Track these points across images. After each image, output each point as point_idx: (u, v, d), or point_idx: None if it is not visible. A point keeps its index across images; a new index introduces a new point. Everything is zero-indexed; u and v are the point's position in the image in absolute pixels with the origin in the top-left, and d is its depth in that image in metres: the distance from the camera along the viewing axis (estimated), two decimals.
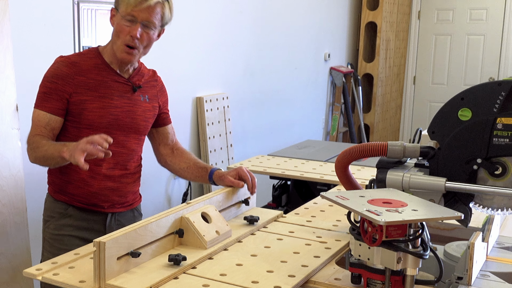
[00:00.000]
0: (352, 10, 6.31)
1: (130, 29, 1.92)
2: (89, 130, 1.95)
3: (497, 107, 1.50)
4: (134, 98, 2.07)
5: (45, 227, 2.11)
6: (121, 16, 1.93)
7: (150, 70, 2.18)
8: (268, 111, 4.86)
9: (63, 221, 2.06)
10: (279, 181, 3.22)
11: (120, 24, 1.94)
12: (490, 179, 1.54)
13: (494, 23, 6.77)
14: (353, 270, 1.46)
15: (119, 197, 2.11)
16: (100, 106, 1.97)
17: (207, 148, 3.95)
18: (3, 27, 2.37)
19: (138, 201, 2.24)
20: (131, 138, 2.08)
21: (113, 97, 2.01)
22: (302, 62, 5.36)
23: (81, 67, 1.97)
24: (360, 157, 1.69)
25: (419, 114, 7.28)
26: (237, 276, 1.52)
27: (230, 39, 4.23)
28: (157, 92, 2.17)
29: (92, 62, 2.00)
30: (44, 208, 2.13)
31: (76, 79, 1.95)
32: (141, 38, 1.94)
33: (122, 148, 2.06)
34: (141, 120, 2.09)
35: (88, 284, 1.47)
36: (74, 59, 1.99)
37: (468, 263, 1.47)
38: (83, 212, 2.07)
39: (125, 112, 2.03)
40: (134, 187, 2.17)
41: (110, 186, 2.06)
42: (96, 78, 1.99)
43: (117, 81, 2.03)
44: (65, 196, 2.06)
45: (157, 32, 2.00)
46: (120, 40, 1.95)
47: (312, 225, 1.98)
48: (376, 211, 1.32)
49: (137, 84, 2.07)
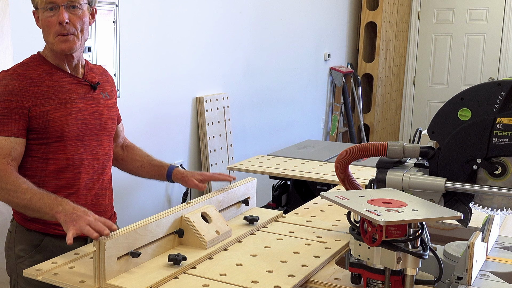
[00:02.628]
0: (352, 10, 6.31)
1: (56, 18, 1.76)
2: (59, 143, 1.80)
3: (497, 107, 1.50)
4: (96, 97, 1.92)
5: (17, 263, 1.85)
6: (42, 10, 1.78)
7: (99, 66, 2.05)
8: (268, 111, 4.86)
9: (38, 256, 1.82)
10: (279, 181, 3.22)
11: (45, 18, 1.78)
12: (490, 179, 1.54)
13: (494, 23, 6.77)
14: (353, 270, 1.46)
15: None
16: (65, 113, 1.80)
17: (207, 148, 3.95)
18: (3, 27, 2.37)
19: (114, 219, 2.05)
20: (103, 141, 1.93)
21: (75, 101, 1.84)
22: (302, 62, 5.36)
23: (32, 77, 1.80)
24: (360, 157, 1.69)
25: (419, 114, 7.27)
26: (237, 276, 1.52)
27: (230, 39, 4.23)
28: (111, 87, 2.03)
29: (40, 69, 1.83)
30: (14, 241, 1.86)
31: (31, 91, 1.77)
32: (71, 21, 1.77)
33: (96, 155, 1.91)
34: (108, 119, 1.95)
35: (88, 284, 1.47)
36: (20, 70, 1.81)
37: (468, 263, 1.47)
38: (60, 241, 1.78)
39: (91, 114, 1.88)
40: (110, 199, 2.02)
41: (89, 201, 1.88)
42: (51, 84, 1.82)
43: (73, 82, 1.87)
44: (39, 224, 1.82)
45: (88, 12, 1.84)
46: (51, 35, 1.79)
47: (312, 225, 1.98)
48: (376, 211, 1.32)
49: (94, 81, 1.92)
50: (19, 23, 2.60)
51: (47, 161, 1.82)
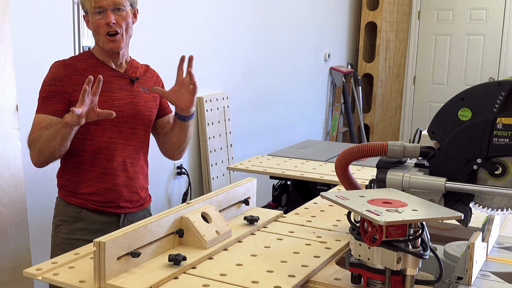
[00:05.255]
0: (352, 10, 6.32)
1: (104, 20, 2.00)
2: (96, 126, 2.02)
3: (497, 107, 1.50)
4: (134, 90, 2.12)
5: (56, 232, 2.12)
6: (92, 14, 2.01)
7: (144, 65, 2.24)
8: (268, 111, 4.86)
9: (76, 225, 2.09)
10: (279, 181, 3.22)
11: (94, 21, 2.02)
12: (490, 179, 1.54)
13: (494, 23, 6.78)
14: (353, 270, 1.46)
15: (131, 193, 2.14)
16: (102, 100, 1.98)
17: (207, 148, 3.95)
18: (3, 27, 2.37)
19: (149, 201, 2.27)
20: (138, 130, 2.13)
21: (113, 91, 2.07)
22: (302, 62, 5.37)
23: (77, 67, 2.04)
24: (360, 157, 1.69)
25: (419, 114, 7.28)
26: (237, 276, 1.52)
27: (230, 39, 4.23)
28: (154, 83, 2.21)
29: (87, 62, 2.07)
30: (56, 213, 2.14)
31: (74, 79, 2.01)
32: (117, 22, 2.01)
33: (131, 141, 2.11)
34: (145, 110, 2.14)
35: (88, 284, 1.47)
36: (69, 61, 2.07)
37: (468, 263, 1.47)
38: (96, 215, 2.09)
39: (128, 103, 2.09)
40: (144, 183, 2.21)
41: (122, 181, 2.10)
42: (93, 75, 1.99)
43: (115, 75, 2.09)
44: (78, 198, 2.09)
45: (130, 13, 2.07)
46: (101, 34, 2.02)
47: (312, 225, 1.98)
48: (376, 211, 1.32)
49: (134, 76, 2.14)
50: (19, 23, 2.60)
51: (85, 141, 2.04)
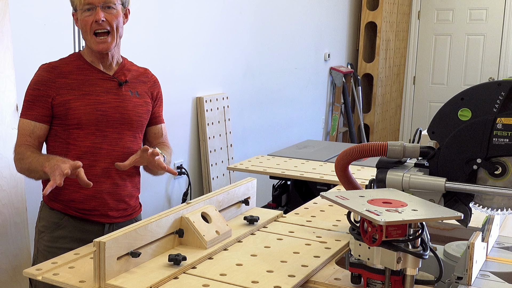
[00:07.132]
0: (352, 10, 6.31)
1: (93, 17, 1.93)
2: (78, 130, 1.96)
3: (497, 107, 1.50)
4: (121, 94, 2.04)
5: (39, 238, 2.05)
6: (81, 11, 1.95)
7: (141, 68, 2.17)
8: (268, 111, 4.86)
9: (58, 232, 2.01)
10: (279, 181, 3.22)
11: (83, 18, 1.95)
12: (490, 179, 1.54)
13: (494, 23, 6.77)
14: (353, 270, 1.46)
15: (116, 202, 2.03)
16: (85, 103, 1.95)
17: (207, 148, 3.95)
18: (3, 27, 2.37)
19: (138, 211, 2.15)
20: (125, 135, 2.03)
21: (98, 94, 1.99)
22: (302, 62, 5.36)
23: (62, 70, 1.99)
24: (360, 157, 1.69)
25: (419, 114, 7.28)
26: (237, 276, 1.52)
27: (230, 39, 4.23)
28: (148, 88, 2.13)
29: (74, 64, 2.02)
30: (39, 218, 2.08)
31: (57, 82, 1.96)
32: (106, 19, 1.94)
33: (116, 146, 2.01)
34: (133, 115, 2.04)
35: (88, 284, 1.47)
36: (55, 64, 2.01)
37: (468, 263, 1.47)
38: (79, 222, 2.01)
39: (113, 107, 2.00)
40: (133, 191, 2.10)
41: (106, 189, 2.00)
42: (78, 78, 1.99)
43: (102, 78, 2.02)
44: (60, 203, 2.01)
45: (121, 12, 2.00)
46: (89, 33, 1.96)
47: (312, 225, 1.98)
48: (376, 211, 1.32)
49: (123, 79, 2.05)
50: (19, 23, 2.60)
51: (69, 146, 1.98)
